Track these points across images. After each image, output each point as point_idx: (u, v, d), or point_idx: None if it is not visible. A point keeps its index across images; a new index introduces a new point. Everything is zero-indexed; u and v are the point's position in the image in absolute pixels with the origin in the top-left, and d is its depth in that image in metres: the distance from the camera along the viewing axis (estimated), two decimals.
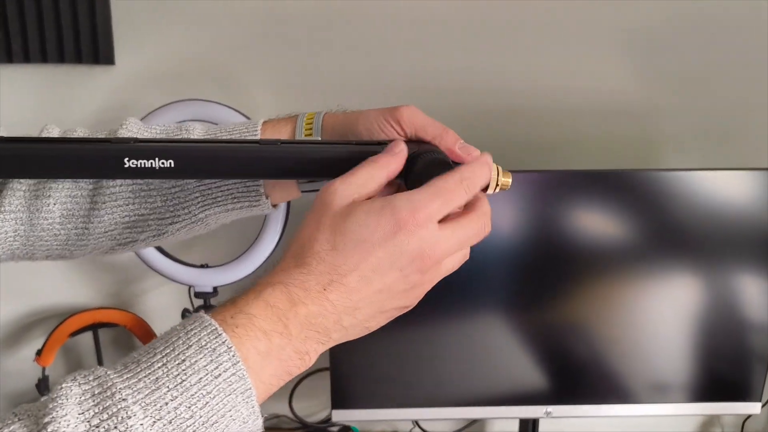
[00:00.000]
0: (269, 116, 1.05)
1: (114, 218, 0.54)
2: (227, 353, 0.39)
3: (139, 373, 0.38)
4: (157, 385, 0.37)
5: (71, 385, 0.37)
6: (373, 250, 0.42)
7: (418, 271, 0.43)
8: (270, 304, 0.41)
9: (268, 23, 1.03)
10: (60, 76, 1.06)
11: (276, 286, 0.42)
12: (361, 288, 0.42)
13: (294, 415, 1.16)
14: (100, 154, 0.49)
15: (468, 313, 0.96)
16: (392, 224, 0.42)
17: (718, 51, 1.03)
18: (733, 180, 0.93)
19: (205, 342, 0.39)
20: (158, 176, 0.49)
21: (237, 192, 0.55)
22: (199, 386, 0.38)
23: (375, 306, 0.44)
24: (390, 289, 0.43)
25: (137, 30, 1.04)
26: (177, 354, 0.38)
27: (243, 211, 0.56)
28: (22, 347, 1.19)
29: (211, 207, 0.55)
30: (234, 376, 0.39)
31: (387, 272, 0.42)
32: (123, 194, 0.54)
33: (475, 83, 1.04)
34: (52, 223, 0.54)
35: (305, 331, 0.42)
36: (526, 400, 0.99)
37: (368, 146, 0.49)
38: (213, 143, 0.50)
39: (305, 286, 0.42)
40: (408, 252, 0.42)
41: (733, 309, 0.96)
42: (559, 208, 0.93)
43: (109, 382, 0.37)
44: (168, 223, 0.55)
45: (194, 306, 1.05)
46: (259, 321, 0.40)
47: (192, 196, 0.54)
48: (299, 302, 0.41)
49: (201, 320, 0.40)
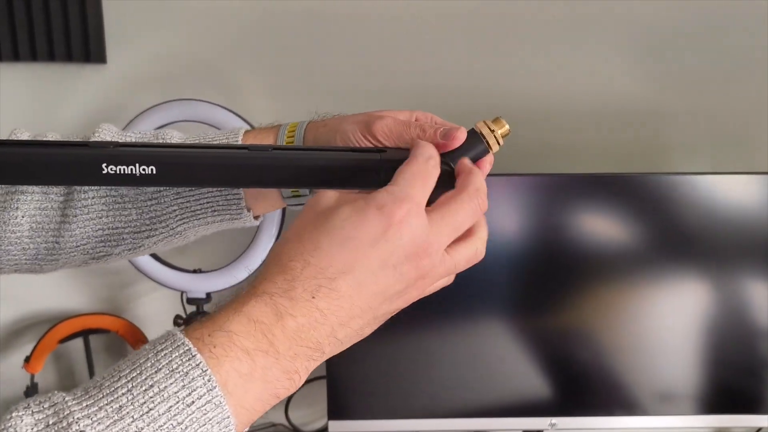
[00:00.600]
0: (263, 117, 1.02)
1: (86, 232, 0.52)
2: (201, 377, 0.34)
3: (101, 399, 0.34)
4: (120, 414, 0.33)
5: (22, 414, 0.33)
6: (362, 248, 0.38)
7: (414, 267, 0.39)
8: (252, 318, 0.37)
9: (262, 22, 1.02)
10: (50, 75, 1.05)
11: (259, 298, 0.38)
12: (353, 293, 0.38)
13: (290, 424, 1.14)
14: (76, 159, 0.46)
15: (469, 320, 0.95)
16: (380, 220, 0.38)
17: (728, 54, 1.02)
18: (743, 184, 0.92)
19: (177, 365, 0.34)
20: (139, 183, 0.46)
21: (217, 205, 0.52)
22: (169, 416, 0.33)
23: (370, 313, 0.39)
24: (385, 292, 0.39)
25: (129, 28, 1.03)
26: (144, 378, 0.34)
27: (223, 224, 0.53)
28: (11, 353, 1.17)
29: (189, 220, 0.52)
30: (209, 404, 0.34)
31: (379, 272, 0.38)
32: (96, 207, 0.51)
33: (481, 86, 1.04)
34: (20, 237, 0.51)
35: (294, 347, 0.37)
36: (530, 411, 0.98)
37: (365, 153, 0.46)
38: (198, 148, 0.47)
39: (291, 294, 0.37)
40: (401, 247, 0.38)
41: (744, 317, 0.95)
42: (565, 213, 0.92)
43: (66, 411, 0.33)
44: (144, 236, 0.52)
45: (187, 312, 1.03)
46: (240, 339, 0.36)
47: (170, 209, 0.52)
48: (286, 314, 0.37)
49: (173, 339, 0.36)
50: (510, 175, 0.90)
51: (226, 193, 0.52)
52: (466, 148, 0.46)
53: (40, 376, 1.10)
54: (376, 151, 0.46)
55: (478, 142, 0.47)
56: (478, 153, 0.47)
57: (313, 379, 1.12)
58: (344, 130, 0.49)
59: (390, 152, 0.46)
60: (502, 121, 0.47)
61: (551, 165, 1.05)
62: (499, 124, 0.47)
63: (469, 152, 0.46)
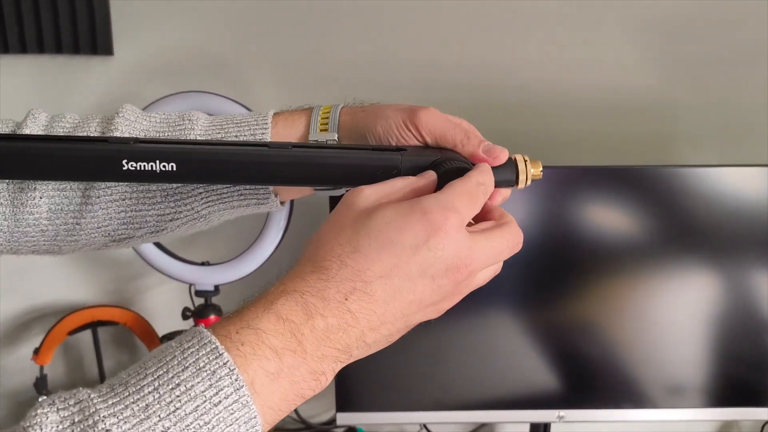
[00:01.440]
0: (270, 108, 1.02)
1: (109, 213, 0.50)
2: (229, 377, 0.34)
3: (127, 398, 0.33)
4: (146, 413, 0.33)
5: (48, 411, 0.33)
6: (402, 254, 0.37)
7: (453, 281, 0.39)
8: (282, 317, 0.36)
9: (269, 13, 1.02)
10: (57, 67, 1.04)
11: (290, 296, 0.37)
12: (388, 299, 0.37)
13: (298, 416, 1.14)
14: (95, 154, 0.45)
15: (478, 313, 0.94)
16: (424, 226, 0.37)
17: (737, 47, 1.01)
18: (751, 176, 0.91)
19: (204, 363, 0.34)
20: (159, 180, 0.46)
21: (244, 189, 0.51)
22: (196, 415, 0.33)
23: (402, 321, 0.39)
24: (421, 301, 0.38)
25: (136, 20, 1.02)
26: (171, 377, 0.34)
27: (249, 209, 0.52)
28: (20, 345, 1.17)
29: (215, 204, 0.51)
30: (236, 404, 0.34)
31: (418, 280, 0.38)
32: (119, 187, 0.50)
33: (488, 77, 1.03)
34: (38, 219, 0.50)
35: (322, 348, 0.37)
36: (538, 403, 0.97)
37: (386, 152, 0.46)
38: (219, 145, 0.47)
39: (324, 294, 0.37)
40: (443, 259, 0.38)
41: (752, 310, 0.94)
42: (573, 205, 0.91)
43: (92, 408, 0.33)
44: (168, 219, 0.51)
45: (195, 304, 1.03)
46: (269, 337, 0.35)
47: (195, 192, 0.51)
48: (316, 314, 0.36)
49: (200, 336, 0.35)
50: None
51: None
52: (497, 172, 0.47)
53: (49, 367, 1.11)
54: (396, 150, 0.46)
55: (510, 172, 0.47)
56: (504, 181, 0.47)
57: None
58: (386, 115, 0.48)
59: (410, 151, 0.46)
60: (539, 164, 0.48)
61: (559, 157, 1.04)
62: (536, 166, 0.48)
63: (498, 176, 0.47)
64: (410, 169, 0.45)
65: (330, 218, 0.40)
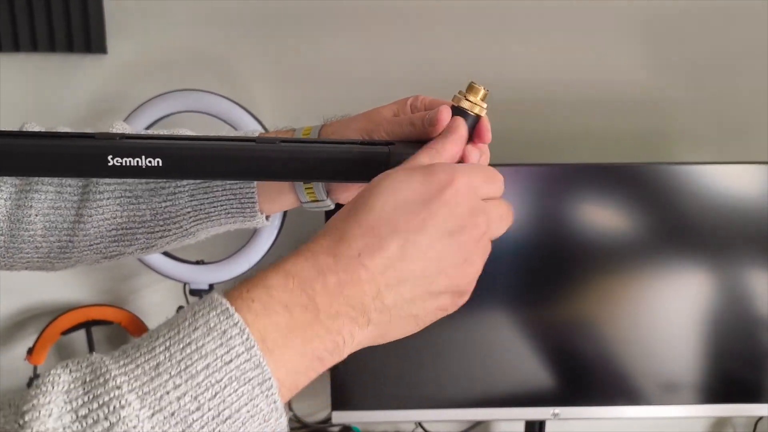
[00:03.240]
0: (264, 107, 1.02)
1: (100, 231, 0.52)
2: (240, 336, 0.33)
3: (138, 358, 0.33)
4: (157, 371, 0.32)
5: (60, 372, 0.33)
6: (417, 209, 0.36)
7: (472, 238, 0.38)
8: (291, 273, 0.36)
9: (264, 11, 1.02)
10: (51, 65, 1.04)
11: (300, 254, 0.36)
12: (404, 254, 0.36)
13: (293, 415, 1.14)
14: (80, 150, 0.45)
15: (473, 311, 0.94)
16: (436, 182, 0.37)
17: (732, 44, 1.02)
18: (747, 174, 0.91)
19: (215, 323, 0.34)
20: (145, 176, 0.46)
21: (231, 207, 0.52)
22: (207, 373, 0.33)
23: (424, 281, 0.37)
24: (440, 259, 0.37)
25: (130, 18, 1.02)
26: (182, 337, 0.33)
27: (236, 225, 0.54)
28: (14, 345, 1.17)
29: (203, 222, 0.53)
30: (248, 363, 0.33)
31: (435, 235, 0.37)
32: (110, 207, 0.51)
33: (483, 75, 1.02)
34: (33, 235, 0.51)
35: (335, 304, 0.35)
36: (533, 401, 0.98)
37: (374, 146, 0.46)
38: (206, 140, 0.47)
39: (335, 251, 0.36)
40: (459, 215, 0.37)
41: (746, 307, 0.95)
42: (569, 203, 0.91)
43: (103, 368, 0.33)
44: (158, 236, 0.53)
45: (189, 303, 1.02)
46: (278, 293, 0.35)
47: (184, 211, 0.52)
48: (328, 270, 0.36)
49: (211, 299, 0.35)
50: (513, 165, 0.90)
51: (240, 195, 0.51)
52: None
53: (42, 368, 1.10)
54: (385, 144, 0.46)
55: (465, 115, 0.47)
56: (470, 125, 0.47)
57: None
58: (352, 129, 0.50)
59: (398, 145, 0.46)
60: (476, 87, 0.47)
61: (554, 155, 1.05)
62: (475, 92, 0.47)
63: None
64: (398, 163, 0.45)
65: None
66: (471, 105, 0.46)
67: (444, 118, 0.45)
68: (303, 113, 1.03)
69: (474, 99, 0.46)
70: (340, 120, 0.52)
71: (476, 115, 0.47)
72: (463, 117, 0.46)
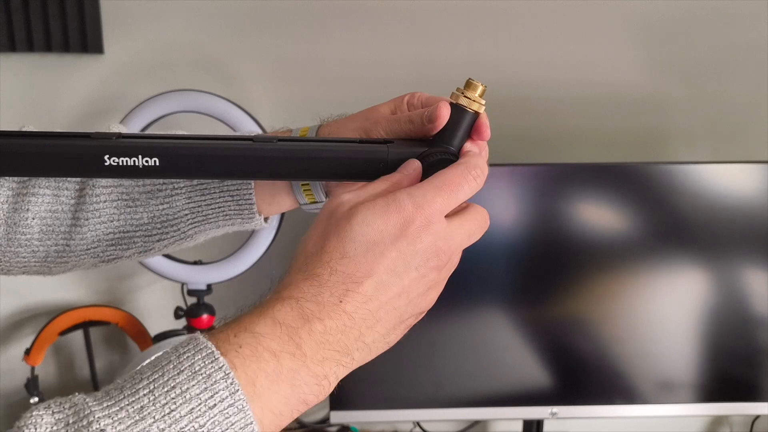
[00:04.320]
0: (262, 106, 1.01)
1: (97, 235, 0.51)
2: (224, 380, 0.34)
3: (122, 400, 0.33)
4: (141, 415, 0.33)
5: (43, 414, 0.33)
6: (386, 251, 0.38)
7: (435, 268, 0.40)
8: (279, 321, 0.37)
9: (262, 11, 1.01)
10: (47, 65, 1.04)
11: (285, 302, 0.37)
12: (378, 295, 0.38)
13: None
14: (77, 150, 0.45)
15: (470, 310, 0.95)
16: (401, 221, 0.39)
17: (728, 44, 1.02)
18: (743, 173, 0.91)
19: (199, 367, 0.34)
20: (142, 175, 0.46)
21: (228, 209, 0.52)
22: (191, 417, 0.33)
23: (395, 315, 0.40)
24: (408, 292, 0.40)
25: (127, 18, 1.02)
26: (166, 380, 0.34)
27: (234, 227, 0.54)
28: (11, 346, 1.16)
29: (201, 224, 0.52)
30: (232, 408, 0.34)
31: (403, 273, 0.39)
32: (107, 210, 0.51)
33: (481, 75, 1.01)
34: (30, 239, 0.51)
35: (322, 351, 0.37)
36: (531, 400, 0.98)
37: (373, 145, 0.46)
38: (203, 140, 0.46)
39: (318, 299, 0.37)
40: (422, 250, 0.39)
41: (743, 306, 0.95)
42: (565, 202, 0.91)
43: (87, 410, 0.33)
44: (155, 240, 0.52)
45: (187, 303, 1.02)
46: (266, 341, 0.36)
47: (181, 213, 0.52)
48: (313, 318, 0.37)
49: (196, 342, 0.35)
50: (510, 165, 0.90)
51: (237, 197, 0.51)
52: (456, 122, 0.46)
53: (40, 368, 1.10)
54: (384, 143, 0.46)
55: (464, 112, 0.46)
56: (469, 122, 0.47)
57: None
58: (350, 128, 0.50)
59: (397, 143, 0.46)
60: (474, 83, 0.47)
61: (551, 155, 1.05)
62: (473, 88, 0.47)
63: (461, 124, 0.46)
64: (397, 161, 0.44)
65: (314, 227, 0.41)
66: (469, 102, 0.46)
67: (443, 114, 0.45)
68: (301, 113, 1.03)
69: (472, 95, 0.46)
70: (337, 120, 0.51)
71: (475, 111, 0.46)
72: (462, 114, 0.46)
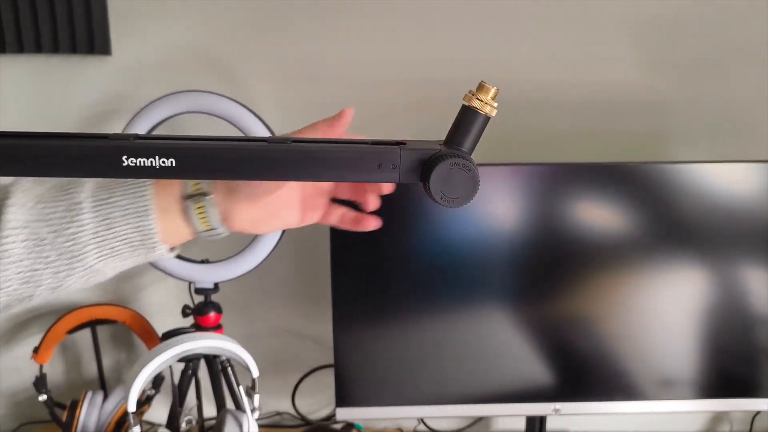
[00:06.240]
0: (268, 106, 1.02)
1: (8, 275, 0.54)
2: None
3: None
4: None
5: None
6: None
7: None
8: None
9: (267, 13, 1.02)
10: (55, 66, 1.05)
11: None
12: None
13: (297, 412, 1.15)
14: (96, 151, 0.46)
15: (473, 309, 0.95)
16: None
17: (727, 45, 1.02)
18: (742, 172, 0.92)
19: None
20: (158, 175, 0.47)
21: (133, 240, 0.55)
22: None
23: None
24: None
25: (134, 19, 1.03)
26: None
27: (140, 258, 0.57)
28: (19, 344, 1.18)
29: (107, 258, 0.55)
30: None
31: None
32: (16, 250, 0.53)
33: (483, 75, 1.02)
34: None
35: None
36: (534, 397, 0.99)
37: (385, 146, 0.47)
38: (218, 141, 0.47)
39: None
40: None
41: (743, 304, 0.96)
42: (566, 201, 0.92)
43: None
44: (64, 276, 0.55)
45: (194, 302, 1.03)
46: None
47: (87, 248, 0.54)
48: None
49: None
50: (511, 165, 0.91)
51: (142, 228, 0.55)
52: (468, 124, 0.47)
53: (47, 366, 1.11)
54: (396, 144, 0.47)
55: (476, 114, 0.47)
56: (481, 124, 0.48)
57: (319, 368, 1.14)
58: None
59: (410, 145, 0.47)
60: (486, 86, 0.48)
61: (553, 154, 1.05)
62: (485, 91, 0.48)
63: (473, 126, 0.47)
64: (409, 163, 0.45)
65: None
66: (482, 104, 0.47)
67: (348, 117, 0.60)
68: (306, 113, 1.04)
69: (484, 98, 0.47)
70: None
71: (486, 114, 0.47)
72: (474, 116, 0.47)
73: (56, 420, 1.04)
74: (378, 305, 0.94)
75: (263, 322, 1.16)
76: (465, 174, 0.44)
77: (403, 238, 0.92)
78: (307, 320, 1.16)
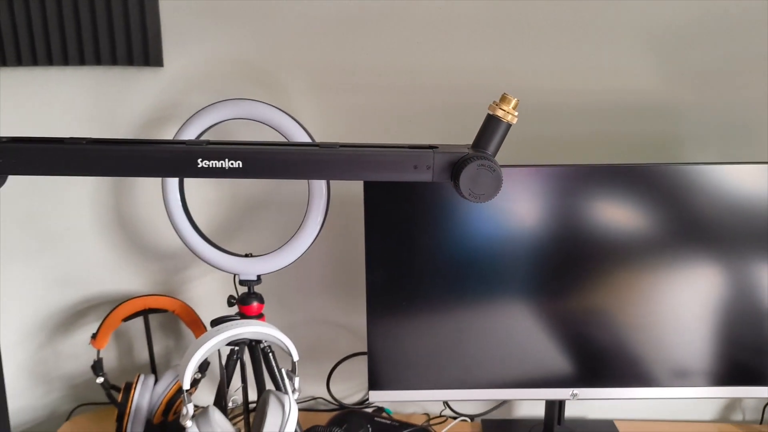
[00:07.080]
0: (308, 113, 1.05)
1: None
2: None
3: None
4: None
5: None
6: None
7: None
8: None
9: (307, 26, 1.07)
10: (112, 77, 1.11)
11: None
12: None
13: (331, 397, 1.21)
14: (176, 154, 0.54)
15: (497, 300, 0.99)
16: None
17: (736, 51, 1.04)
18: (751, 173, 0.93)
19: None
20: (228, 176, 0.54)
21: None
22: None
23: None
24: None
25: (184, 33, 1.08)
26: None
27: None
28: (76, 332, 1.25)
29: None
30: None
31: None
32: None
33: (504, 83, 1.06)
34: None
35: None
36: (553, 382, 1.02)
37: (419, 150, 0.53)
38: (277, 146, 0.55)
39: None
40: None
41: (753, 297, 0.98)
42: (584, 201, 0.94)
43: None
44: None
45: (238, 293, 1.09)
46: None
47: None
48: None
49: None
50: (531, 166, 0.93)
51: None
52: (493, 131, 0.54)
53: (104, 351, 1.18)
54: (429, 148, 0.54)
55: (499, 122, 0.54)
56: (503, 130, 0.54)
57: (352, 355, 1.19)
58: None
59: (441, 148, 0.54)
60: (508, 98, 0.54)
61: (572, 156, 1.08)
62: (507, 102, 0.54)
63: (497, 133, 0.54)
64: (441, 164, 0.52)
65: None
66: (504, 113, 0.54)
67: None
68: (340, 118, 1.10)
69: (507, 108, 0.54)
70: None
71: (509, 122, 0.54)
72: (498, 124, 0.54)
73: (113, 400, 1.10)
74: (408, 297, 0.98)
75: (301, 312, 1.21)
76: (490, 174, 0.51)
77: (433, 235, 0.95)
78: (341, 311, 1.20)
